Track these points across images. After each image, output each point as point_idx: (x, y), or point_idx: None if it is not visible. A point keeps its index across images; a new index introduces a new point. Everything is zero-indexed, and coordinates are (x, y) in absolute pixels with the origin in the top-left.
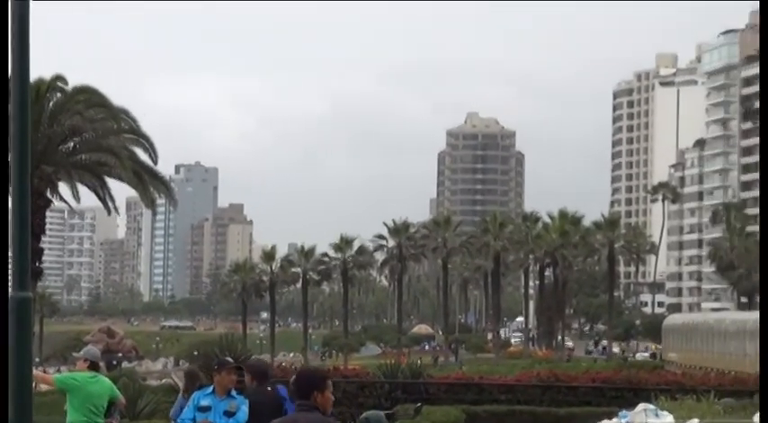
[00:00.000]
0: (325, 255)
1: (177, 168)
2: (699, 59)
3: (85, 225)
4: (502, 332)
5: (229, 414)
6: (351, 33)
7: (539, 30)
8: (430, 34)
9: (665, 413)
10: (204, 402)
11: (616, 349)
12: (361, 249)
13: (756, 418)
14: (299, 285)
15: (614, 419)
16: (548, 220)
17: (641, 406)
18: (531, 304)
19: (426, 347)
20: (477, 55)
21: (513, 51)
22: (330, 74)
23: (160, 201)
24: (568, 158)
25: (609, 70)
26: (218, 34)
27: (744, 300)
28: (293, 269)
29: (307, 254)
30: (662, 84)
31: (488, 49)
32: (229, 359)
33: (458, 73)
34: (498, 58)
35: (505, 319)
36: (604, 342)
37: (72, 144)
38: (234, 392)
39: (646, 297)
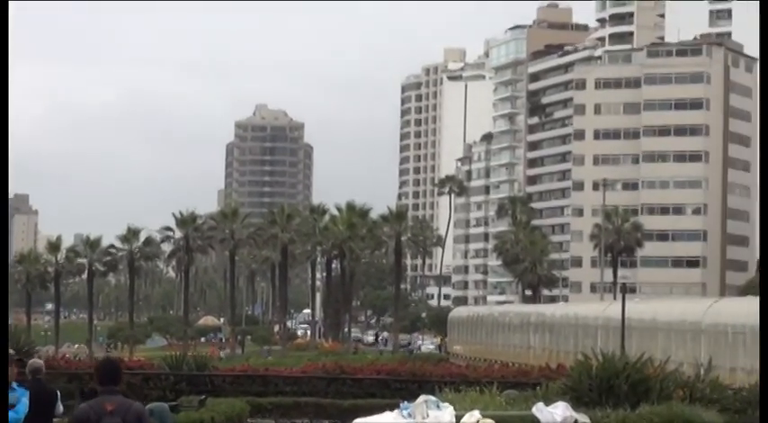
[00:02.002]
0: (112, 246)
1: None
2: (487, 54)
3: None
4: (289, 324)
5: (9, 406)
6: (143, 24)
7: (331, 23)
8: (222, 27)
9: (446, 405)
10: None
11: (420, 342)
12: (149, 240)
13: (535, 409)
14: (84, 276)
15: (395, 411)
16: (335, 212)
17: (422, 398)
18: (318, 296)
19: (210, 339)
20: (268, 48)
21: (304, 44)
22: (122, 64)
23: None
24: (357, 151)
25: (399, 64)
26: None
27: (528, 293)
28: (79, 260)
29: (92, 245)
30: (450, 78)
31: (279, 42)
32: (12, 352)
33: (249, 65)
34: (289, 52)
35: (292, 310)
36: (384, 333)
37: None
38: (14, 384)
39: (432, 290)
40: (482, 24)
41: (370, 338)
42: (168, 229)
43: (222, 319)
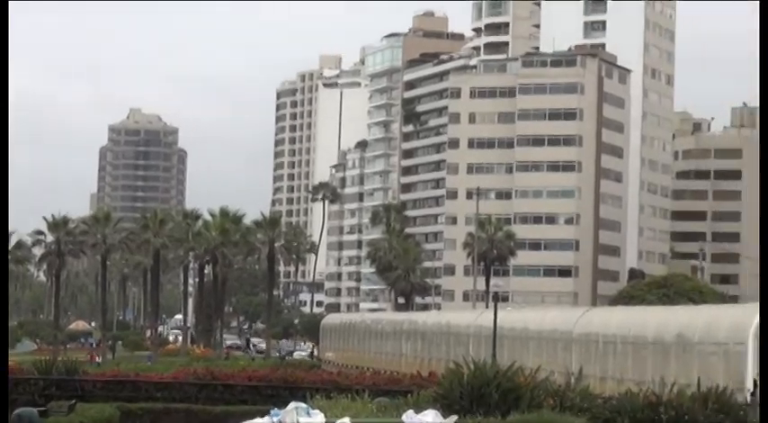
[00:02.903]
0: None
1: None
2: (362, 62)
3: None
4: (160, 329)
5: None
6: (14, 24)
7: (207, 27)
8: (95, 28)
9: (317, 412)
10: None
11: (305, 351)
12: (19, 244)
13: (405, 416)
14: None
15: (266, 417)
16: (209, 217)
17: (293, 404)
18: (191, 302)
19: (81, 344)
20: (143, 51)
21: (179, 48)
22: None
23: None
24: (231, 157)
25: (274, 70)
26: None
27: (401, 300)
28: None
29: None
30: (325, 85)
31: (154, 46)
32: None
33: (123, 68)
34: (163, 55)
35: (164, 316)
36: (254, 340)
37: None
38: None
39: (305, 296)
40: (358, 32)
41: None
42: (39, 232)
43: (93, 324)
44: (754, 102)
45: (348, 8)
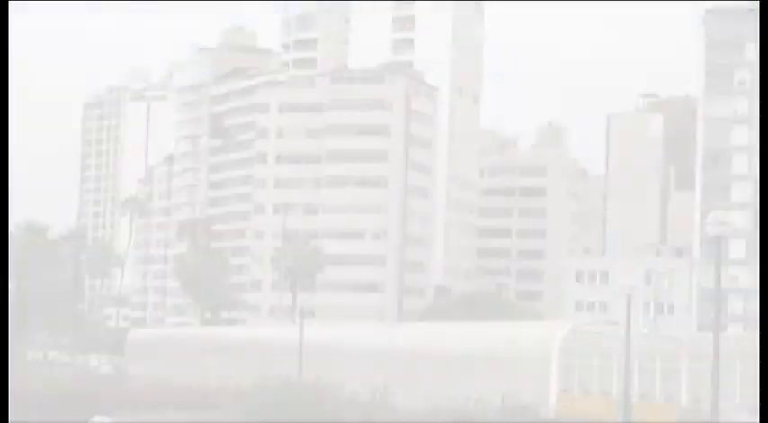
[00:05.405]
0: None
1: None
2: (171, 75)
3: None
4: None
5: None
6: None
7: (12, 34)
8: None
9: None
10: None
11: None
12: None
13: None
14: None
15: None
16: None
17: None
18: None
19: None
20: None
21: None
22: None
23: None
24: (37, 170)
25: (82, 82)
26: None
27: (208, 315)
28: None
29: None
30: (133, 98)
31: None
32: None
33: None
34: None
35: None
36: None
37: None
38: None
39: (110, 311)
40: (167, 45)
41: None
42: None
43: None
44: (559, 121)
45: (157, 21)
